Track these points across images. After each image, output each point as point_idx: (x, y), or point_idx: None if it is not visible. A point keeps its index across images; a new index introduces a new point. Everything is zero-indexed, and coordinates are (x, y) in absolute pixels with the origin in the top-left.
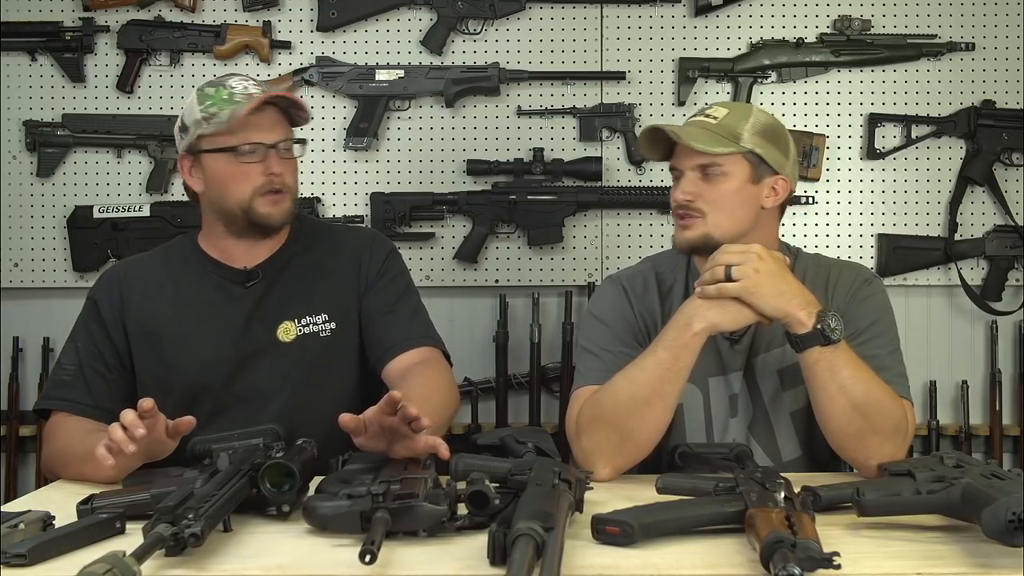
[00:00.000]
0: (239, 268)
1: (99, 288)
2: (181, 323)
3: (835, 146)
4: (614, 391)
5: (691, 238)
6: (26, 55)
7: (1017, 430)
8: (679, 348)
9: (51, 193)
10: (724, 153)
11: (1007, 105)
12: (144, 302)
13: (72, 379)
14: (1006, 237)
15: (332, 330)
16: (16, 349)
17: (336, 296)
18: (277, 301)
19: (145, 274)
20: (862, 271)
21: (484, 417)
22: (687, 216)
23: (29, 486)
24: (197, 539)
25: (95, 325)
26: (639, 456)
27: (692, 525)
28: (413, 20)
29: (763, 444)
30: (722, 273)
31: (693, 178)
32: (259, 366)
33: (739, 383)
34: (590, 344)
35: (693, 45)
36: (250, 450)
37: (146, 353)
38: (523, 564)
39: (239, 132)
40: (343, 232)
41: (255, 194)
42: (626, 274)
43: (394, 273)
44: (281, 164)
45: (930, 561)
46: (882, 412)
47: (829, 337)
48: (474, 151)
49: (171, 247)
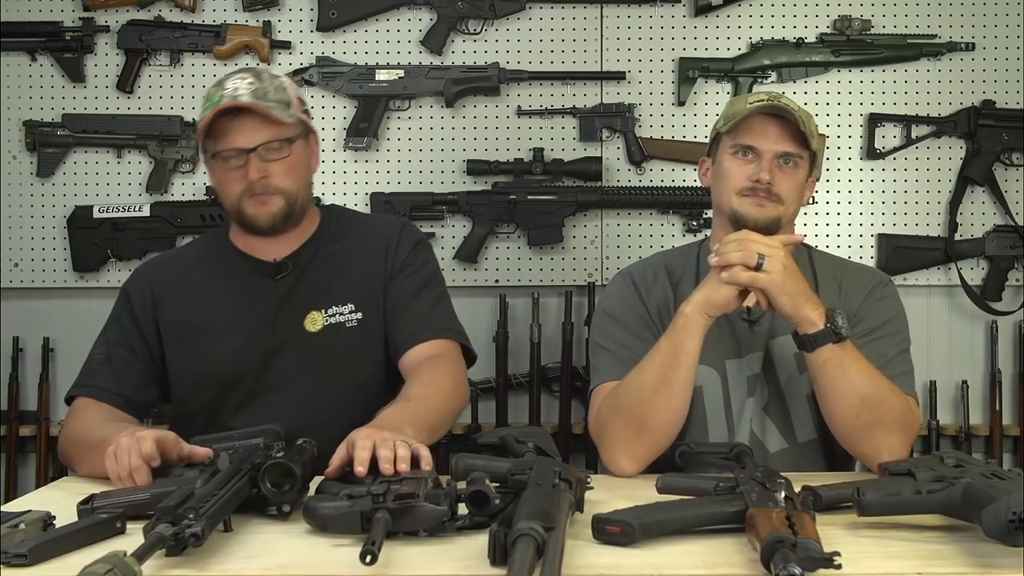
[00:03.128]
0: (269, 261)
1: (132, 282)
2: (213, 316)
3: (835, 146)
4: (627, 383)
5: (767, 217)
6: (26, 55)
7: (1017, 430)
8: (676, 333)
9: (51, 193)
10: (811, 150)
11: (1007, 105)
12: (176, 297)
13: (99, 367)
14: (1006, 237)
15: (359, 320)
16: (16, 349)
17: (363, 286)
18: (305, 292)
19: (178, 269)
20: (878, 274)
21: (484, 417)
22: (767, 197)
23: (29, 486)
24: (198, 539)
25: (126, 317)
26: (659, 444)
27: (692, 525)
28: (413, 20)
29: (778, 425)
30: (755, 260)
31: (774, 163)
32: (287, 356)
33: (758, 364)
34: (603, 340)
35: (693, 45)
36: (250, 450)
37: (178, 346)
38: (524, 564)
39: (222, 137)
40: (372, 221)
41: (241, 196)
42: (636, 267)
43: (419, 264)
44: (265, 167)
45: (930, 561)
46: (886, 403)
47: (839, 334)
48: (474, 151)
49: (204, 240)
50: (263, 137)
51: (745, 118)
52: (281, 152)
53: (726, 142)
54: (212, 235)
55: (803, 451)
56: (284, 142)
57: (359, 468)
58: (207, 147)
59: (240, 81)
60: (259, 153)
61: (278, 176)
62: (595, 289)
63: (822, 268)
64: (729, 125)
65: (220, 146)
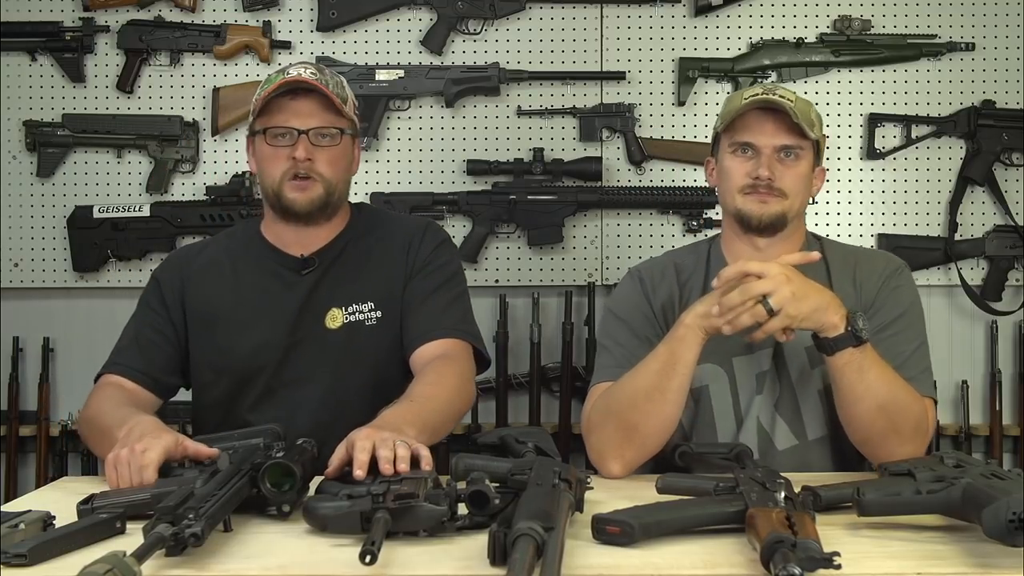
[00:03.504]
0: (296, 256)
1: (163, 269)
2: (238, 309)
3: (835, 146)
4: (621, 386)
5: (771, 213)
6: (26, 55)
7: (1017, 430)
8: (674, 342)
9: (51, 193)
10: (812, 139)
11: (1007, 105)
12: (204, 286)
13: (127, 346)
14: (1006, 237)
15: (378, 319)
16: (16, 349)
17: (383, 284)
18: (328, 289)
19: (207, 259)
20: (892, 259)
21: (484, 417)
22: (768, 193)
23: (29, 486)
24: (197, 539)
25: (156, 302)
26: (647, 449)
27: (692, 525)
28: (413, 20)
29: (788, 421)
30: (762, 309)
31: (773, 157)
32: (305, 353)
33: (768, 361)
34: (606, 339)
35: (693, 45)
36: (250, 450)
37: (202, 336)
38: (523, 564)
39: (276, 115)
40: (398, 220)
41: (283, 178)
42: (645, 265)
43: (440, 263)
44: (313, 151)
45: (930, 561)
46: (904, 412)
47: (860, 337)
48: (474, 151)
49: (235, 232)
50: (319, 121)
51: (741, 115)
52: (333, 140)
53: (724, 141)
54: (244, 226)
55: (812, 448)
56: (337, 132)
57: (358, 472)
58: (256, 124)
59: (304, 69)
60: (310, 136)
61: (323, 163)
62: (595, 289)
63: (835, 259)
64: (726, 123)
65: (273, 122)
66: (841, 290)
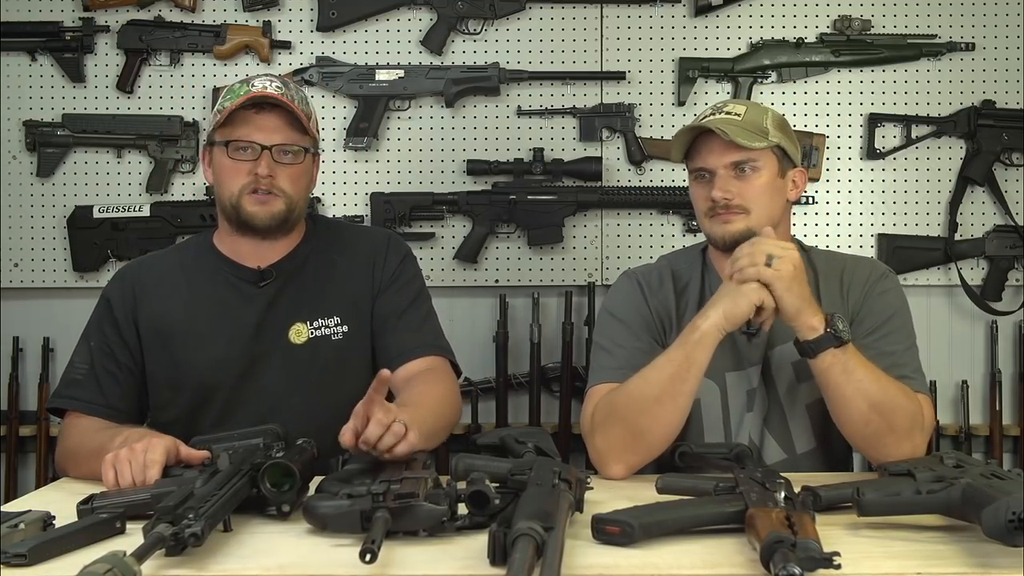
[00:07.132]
0: (252, 268)
1: (112, 287)
2: (193, 322)
3: (835, 146)
4: (628, 389)
5: (733, 232)
6: (26, 55)
7: (1017, 430)
8: (690, 346)
9: (51, 193)
10: (761, 148)
11: (1007, 105)
12: (156, 300)
13: (84, 378)
14: (1006, 237)
15: (344, 333)
16: (16, 349)
17: (349, 299)
18: (290, 303)
19: (158, 272)
20: (877, 265)
21: (484, 417)
22: (728, 212)
23: (29, 486)
24: (197, 539)
25: (108, 324)
26: (651, 454)
27: (692, 525)
28: (413, 20)
29: (777, 437)
30: (763, 259)
31: (727, 176)
32: (269, 368)
33: (757, 377)
34: (604, 340)
35: (693, 45)
36: (250, 450)
37: (157, 351)
38: (523, 564)
39: (240, 127)
40: (358, 233)
41: (243, 191)
42: (642, 270)
43: (407, 278)
44: (275, 168)
45: (930, 561)
46: (898, 409)
47: (840, 338)
48: (474, 151)
49: (186, 245)
50: (283, 138)
51: (693, 142)
52: (295, 158)
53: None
54: (196, 239)
55: (801, 461)
56: (300, 150)
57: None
58: (217, 136)
59: (269, 82)
60: (273, 153)
61: (284, 180)
62: (595, 289)
63: (822, 266)
64: (680, 154)
65: (237, 135)
66: (829, 296)
